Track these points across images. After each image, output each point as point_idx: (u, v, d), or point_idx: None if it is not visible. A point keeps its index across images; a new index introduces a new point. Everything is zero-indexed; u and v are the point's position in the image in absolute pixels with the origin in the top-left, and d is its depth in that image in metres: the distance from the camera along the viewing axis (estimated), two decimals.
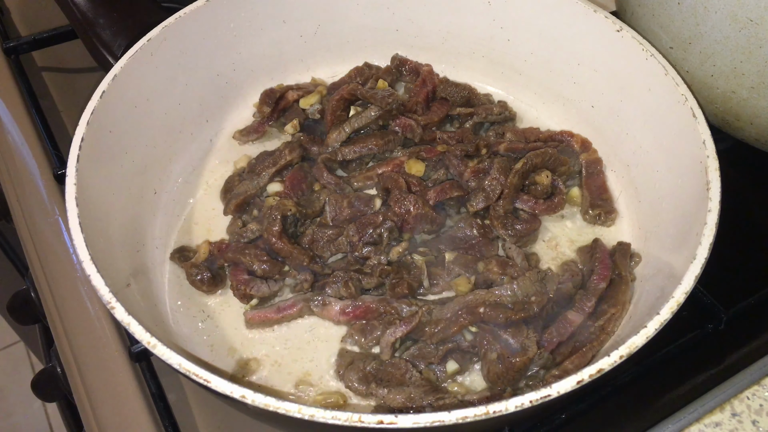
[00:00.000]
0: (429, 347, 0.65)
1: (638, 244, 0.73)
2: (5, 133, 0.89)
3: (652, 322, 0.51)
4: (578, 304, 0.66)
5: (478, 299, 0.65)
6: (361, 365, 0.64)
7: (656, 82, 0.71)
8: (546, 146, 0.78)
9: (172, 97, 0.79)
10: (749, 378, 0.66)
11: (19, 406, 1.83)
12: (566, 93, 0.85)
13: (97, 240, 0.60)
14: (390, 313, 0.66)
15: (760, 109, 0.72)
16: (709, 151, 0.63)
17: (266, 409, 0.46)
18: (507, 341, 0.63)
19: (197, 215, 0.79)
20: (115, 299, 0.53)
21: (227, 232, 0.76)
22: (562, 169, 0.78)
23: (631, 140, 0.77)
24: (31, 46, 0.96)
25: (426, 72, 0.87)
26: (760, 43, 0.67)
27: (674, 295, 0.53)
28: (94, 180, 0.64)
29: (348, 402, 0.64)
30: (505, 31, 0.86)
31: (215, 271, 0.71)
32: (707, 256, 0.56)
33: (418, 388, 0.61)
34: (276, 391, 0.64)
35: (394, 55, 0.90)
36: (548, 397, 0.47)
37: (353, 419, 0.46)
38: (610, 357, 0.49)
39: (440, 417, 0.45)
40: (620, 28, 0.75)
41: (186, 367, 0.49)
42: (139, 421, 0.63)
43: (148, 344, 0.51)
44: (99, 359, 0.68)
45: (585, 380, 0.48)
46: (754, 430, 0.62)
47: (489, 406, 0.46)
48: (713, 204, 0.59)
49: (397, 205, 0.72)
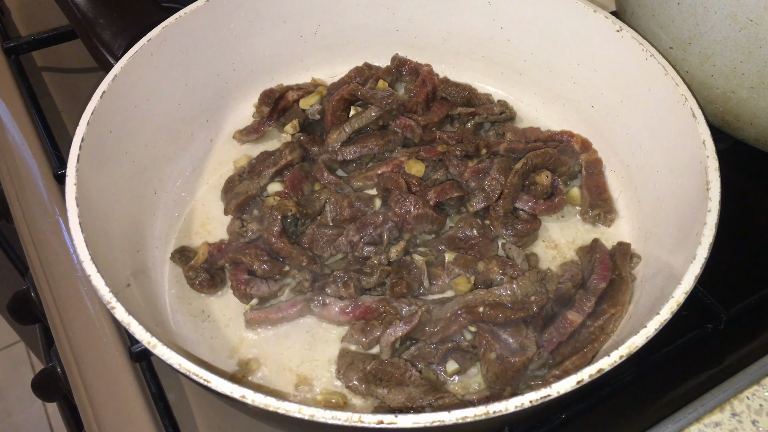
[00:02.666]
0: (429, 347, 0.65)
1: (638, 244, 0.73)
2: (5, 133, 0.89)
3: (652, 322, 0.52)
4: (578, 304, 0.66)
5: (478, 299, 0.65)
6: (361, 365, 0.64)
7: (656, 82, 0.71)
8: (546, 146, 0.78)
9: (172, 97, 0.79)
10: (749, 378, 0.66)
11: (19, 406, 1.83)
12: (566, 93, 0.85)
13: (97, 240, 0.60)
14: (390, 313, 0.66)
15: (760, 109, 0.72)
16: (708, 151, 0.63)
17: (266, 409, 0.46)
18: (506, 341, 0.63)
19: (197, 215, 0.79)
20: (115, 299, 0.53)
21: (227, 231, 0.76)
22: (563, 169, 0.78)
23: (630, 140, 0.77)
24: (31, 46, 0.96)
25: (426, 72, 0.87)
26: (759, 44, 0.67)
27: (674, 295, 0.53)
28: (94, 180, 0.65)
29: (348, 402, 0.64)
30: (505, 32, 0.86)
31: (214, 273, 0.71)
32: (707, 256, 0.56)
33: (418, 388, 0.61)
34: (276, 391, 0.64)
35: (394, 56, 0.90)
36: (548, 397, 0.47)
37: (353, 419, 0.46)
38: (610, 357, 0.49)
39: (440, 417, 0.45)
40: (620, 28, 0.75)
41: (186, 367, 0.49)
42: (139, 421, 0.64)
43: (149, 344, 0.51)
44: (99, 359, 0.68)
45: (585, 380, 0.48)
46: (753, 430, 0.62)
47: (489, 406, 0.46)
48: (713, 204, 0.59)
49: (398, 206, 0.72)
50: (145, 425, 0.63)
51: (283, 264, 0.71)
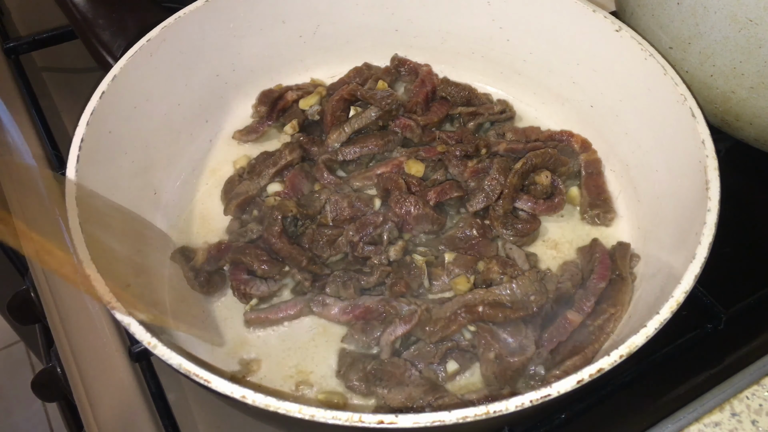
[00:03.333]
0: (428, 347, 0.65)
1: (638, 244, 0.73)
2: (5, 133, 0.89)
3: (652, 321, 0.52)
4: (578, 304, 0.66)
5: (478, 298, 0.65)
6: (361, 365, 0.64)
7: (655, 81, 0.71)
8: (546, 146, 0.78)
9: (171, 97, 0.79)
10: (749, 378, 0.66)
11: (19, 406, 1.83)
12: (565, 93, 0.85)
13: (97, 240, 0.60)
14: (389, 313, 0.66)
15: (760, 109, 0.72)
16: (708, 151, 0.63)
17: (267, 409, 0.46)
18: (506, 340, 0.63)
19: (197, 215, 0.79)
20: (115, 299, 0.53)
21: (227, 232, 0.76)
22: (563, 169, 0.78)
23: (630, 140, 0.77)
24: (31, 46, 0.96)
25: (425, 72, 0.87)
26: (759, 43, 0.67)
27: (674, 294, 0.53)
28: (94, 180, 0.65)
29: (349, 402, 0.64)
30: (504, 31, 0.86)
31: (212, 275, 0.71)
32: (707, 256, 0.56)
33: (418, 388, 0.61)
34: (276, 391, 0.64)
35: (393, 56, 0.90)
36: (548, 396, 0.47)
37: (354, 419, 0.46)
38: (610, 356, 0.50)
39: (440, 417, 0.45)
40: (619, 28, 0.75)
41: (186, 367, 0.49)
42: (139, 421, 0.64)
43: (149, 344, 0.51)
44: (99, 359, 0.68)
45: (585, 380, 0.48)
46: (753, 429, 0.62)
47: (489, 406, 0.46)
48: (712, 204, 0.59)
49: (398, 206, 0.72)
50: (145, 425, 0.63)
51: (282, 264, 0.71)
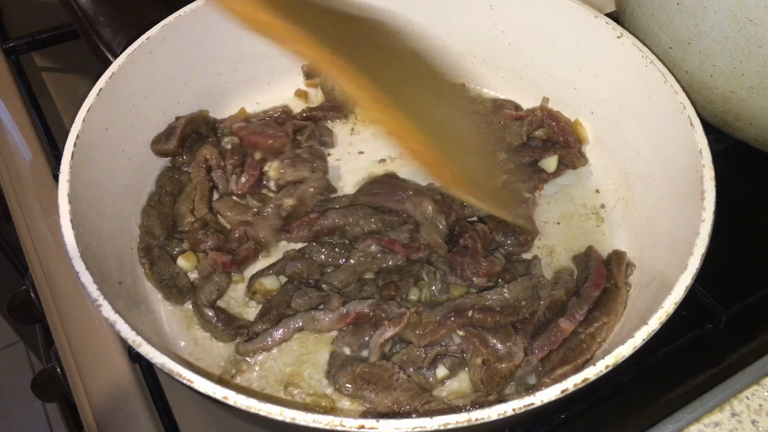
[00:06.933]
0: (418, 350, 0.64)
1: (634, 253, 0.72)
2: (5, 133, 0.89)
3: (640, 332, 0.51)
4: (570, 311, 0.65)
5: (468, 302, 0.64)
6: (350, 368, 0.62)
7: (655, 89, 0.71)
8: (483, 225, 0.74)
9: (170, 96, 0.79)
10: (749, 378, 0.66)
11: (19, 406, 1.83)
12: (566, 98, 0.84)
13: (90, 238, 0.60)
14: (380, 316, 0.65)
15: (760, 109, 0.72)
16: (705, 161, 0.62)
17: (248, 410, 0.46)
18: (494, 346, 0.63)
19: None
20: (102, 297, 0.53)
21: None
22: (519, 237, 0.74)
23: (629, 147, 0.77)
24: (30, 46, 0.96)
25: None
26: (759, 43, 0.67)
27: (663, 305, 0.53)
28: (88, 177, 0.64)
29: (337, 405, 0.63)
30: (506, 36, 0.86)
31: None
32: (699, 267, 0.55)
33: (405, 392, 0.60)
34: (265, 393, 0.64)
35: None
36: (531, 405, 0.47)
37: (334, 423, 0.45)
38: (596, 366, 0.49)
39: (422, 423, 0.45)
40: (621, 34, 0.74)
41: (170, 366, 0.49)
42: (139, 421, 0.63)
43: (134, 343, 0.50)
44: (99, 359, 0.68)
45: (570, 389, 0.48)
46: (753, 429, 0.62)
47: (471, 413, 0.46)
48: (707, 214, 0.58)
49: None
50: (145, 425, 0.63)
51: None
